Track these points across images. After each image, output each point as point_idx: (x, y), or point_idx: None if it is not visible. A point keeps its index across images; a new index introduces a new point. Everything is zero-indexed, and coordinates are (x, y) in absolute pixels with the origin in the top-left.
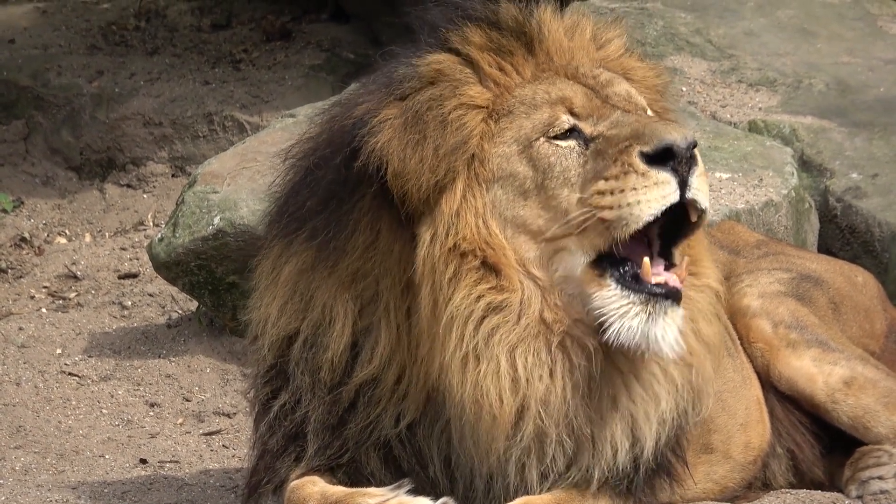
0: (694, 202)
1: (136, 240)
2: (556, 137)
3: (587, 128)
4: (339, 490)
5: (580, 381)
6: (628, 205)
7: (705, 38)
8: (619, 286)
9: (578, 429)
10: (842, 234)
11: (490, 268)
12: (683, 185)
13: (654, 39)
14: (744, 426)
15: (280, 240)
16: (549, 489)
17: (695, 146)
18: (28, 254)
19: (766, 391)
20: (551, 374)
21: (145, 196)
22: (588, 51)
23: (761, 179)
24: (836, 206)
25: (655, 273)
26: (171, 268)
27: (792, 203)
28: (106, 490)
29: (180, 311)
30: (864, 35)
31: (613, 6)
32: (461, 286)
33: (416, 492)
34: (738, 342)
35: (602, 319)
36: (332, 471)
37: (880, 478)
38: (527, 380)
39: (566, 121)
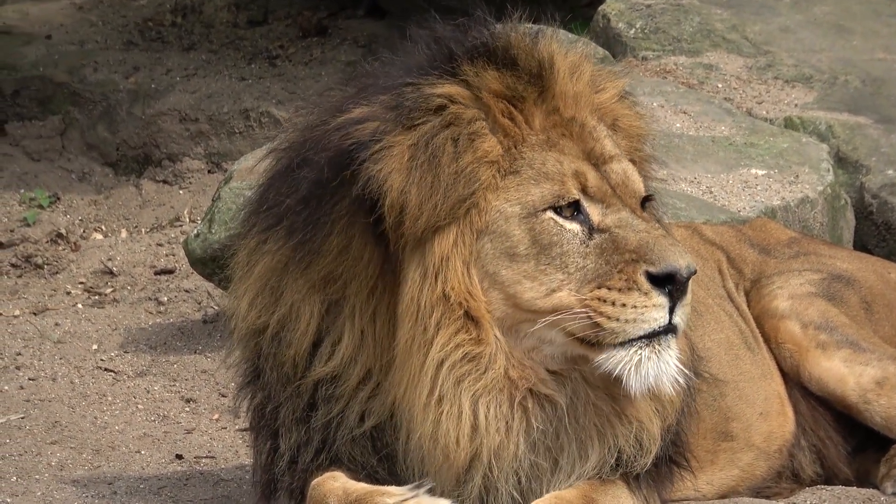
0: (675, 327)
1: (172, 236)
2: (562, 213)
3: (595, 215)
4: (360, 487)
5: (535, 440)
6: (626, 321)
7: (741, 34)
8: (618, 346)
9: (525, 482)
10: (878, 231)
11: (471, 319)
12: (672, 311)
13: (689, 36)
14: (764, 416)
15: (259, 233)
16: None
17: (694, 273)
18: (64, 249)
19: (791, 389)
20: (507, 430)
21: (181, 192)
22: (588, 97)
23: (797, 176)
24: (872, 202)
25: None
26: (207, 263)
27: (828, 200)
28: (142, 486)
29: (216, 307)
30: None
31: (650, 3)
32: (443, 333)
33: (433, 492)
34: (761, 339)
35: (619, 376)
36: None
37: None
38: (486, 428)
39: (576, 195)
